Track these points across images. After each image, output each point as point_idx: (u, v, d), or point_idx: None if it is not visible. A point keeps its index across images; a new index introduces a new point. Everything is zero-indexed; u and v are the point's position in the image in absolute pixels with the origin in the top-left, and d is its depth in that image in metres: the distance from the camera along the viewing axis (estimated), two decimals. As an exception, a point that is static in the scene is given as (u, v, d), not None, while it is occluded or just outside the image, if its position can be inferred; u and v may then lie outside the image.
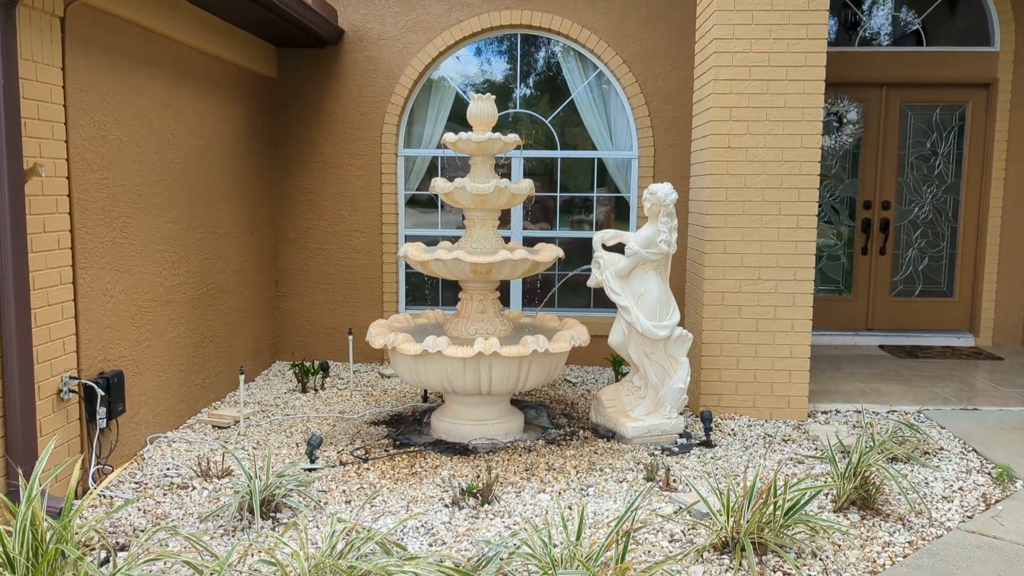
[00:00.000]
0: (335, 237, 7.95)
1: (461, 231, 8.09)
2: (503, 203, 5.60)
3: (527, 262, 5.45)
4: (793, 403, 6.12)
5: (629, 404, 5.86)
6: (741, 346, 6.09)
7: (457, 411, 5.66)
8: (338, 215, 7.93)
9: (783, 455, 5.39)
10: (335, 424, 6.04)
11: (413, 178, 8.06)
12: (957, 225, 8.61)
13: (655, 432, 5.65)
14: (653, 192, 5.53)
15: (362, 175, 7.88)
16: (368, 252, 7.95)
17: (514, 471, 5.03)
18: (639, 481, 4.88)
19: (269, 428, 5.93)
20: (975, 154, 8.48)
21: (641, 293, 5.62)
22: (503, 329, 5.73)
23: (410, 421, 6.11)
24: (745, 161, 5.95)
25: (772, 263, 6.01)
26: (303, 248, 7.96)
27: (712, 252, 6.03)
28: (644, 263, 5.61)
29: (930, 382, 7.06)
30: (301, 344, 8.05)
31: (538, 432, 5.86)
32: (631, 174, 7.98)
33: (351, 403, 6.60)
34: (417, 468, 5.07)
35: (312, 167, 7.88)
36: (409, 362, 5.36)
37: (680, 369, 5.68)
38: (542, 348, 5.25)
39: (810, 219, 5.98)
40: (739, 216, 5.99)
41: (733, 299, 6.05)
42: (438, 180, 5.61)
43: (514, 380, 5.36)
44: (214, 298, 6.51)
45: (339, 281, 7.98)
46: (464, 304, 5.76)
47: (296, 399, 6.71)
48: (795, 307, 6.04)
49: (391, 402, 6.63)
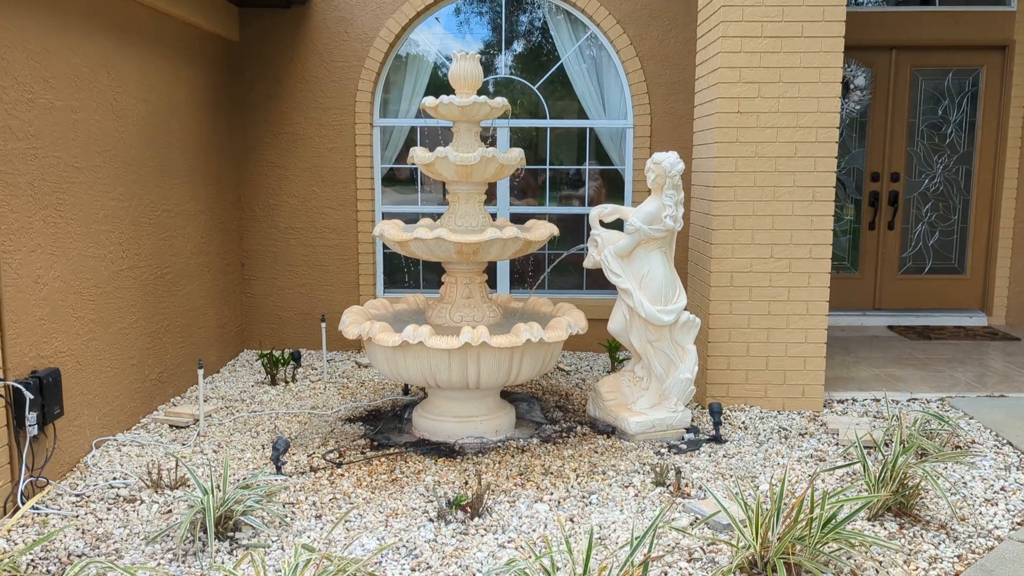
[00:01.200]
0: (306, 215, 7.33)
1: (443, 208, 7.49)
2: (490, 175, 5.02)
3: (518, 241, 4.87)
4: (808, 392, 5.61)
5: (630, 396, 5.33)
6: (751, 331, 5.56)
7: (441, 407, 5.10)
8: (309, 191, 7.30)
9: (802, 452, 4.88)
10: (306, 422, 5.46)
11: (390, 151, 7.45)
12: (969, 197, 8.11)
13: (660, 427, 5.12)
14: (658, 162, 4.97)
15: (335, 147, 7.25)
16: (342, 231, 7.34)
17: (507, 476, 4.48)
18: (647, 486, 4.35)
19: (233, 427, 5.35)
20: (989, 121, 7.97)
21: (644, 274, 5.07)
22: (492, 316, 5.16)
23: (389, 417, 5.55)
24: (757, 127, 5.39)
25: (786, 239, 5.48)
26: (271, 227, 7.34)
27: (720, 228, 5.49)
28: (647, 241, 5.06)
29: (948, 366, 6.58)
30: (271, 331, 7.45)
31: (531, 428, 5.31)
32: (626, 145, 7.40)
33: (324, 397, 6.02)
34: (397, 474, 4.52)
35: (280, 139, 7.24)
36: (387, 354, 4.79)
37: (687, 358, 5.15)
38: (536, 337, 4.69)
39: (827, 191, 5.44)
40: (750, 188, 5.44)
41: (743, 279, 5.52)
42: (417, 149, 5.01)
43: (505, 373, 4.81)
44: (171, 283, 5.90)
45: (311, 263, 7.37)
46: (448, 288, 5.18)
47: (264, 393, 6.12)
48: (810, 287, 5.51)
49: (368, 395, 6.05)
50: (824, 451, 4.90)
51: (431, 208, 7.48)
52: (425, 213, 7.48)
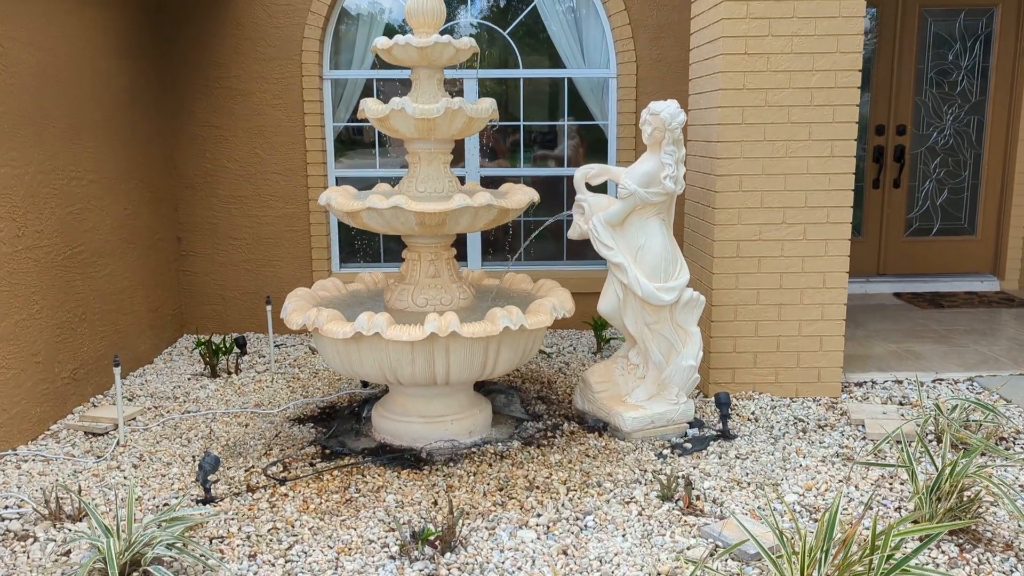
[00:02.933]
0: (249, 182, 6.47)
1: (399, 171, 6.67)
2: (457, 130, 4.21)
3: (492, 210, 4.09)
4: (824, 376, 4.93)
5: (624, 387, 4.61)
6: (761, 307, 4.85)
7: (405, 405, 4.35)
8: (252, 154, 6.44)
9: (825, 449, 4.20)
10: (248, 423, 4.68)
11: (343, 109, 6.59)
12: (981, 151, 7.43)
13: (660, 423, 4.41)
14: (655, 112, 4.19)
15: (279, 104, 6.38)
16: (291, 199, 6.49)
17: (484, 492, 3.75)
18: (652, 501, 3.63)
19: (161, 432, 4.55)
20: (1003, 67, 7.27)
21: (640, 246, 4.32)
22: (462, 298, 4.39)
23: (345, 416, 4.78)
24: (767, 71, 4.62)
25: (800, 202, 4.74)
26: (210, 196, 6.47)
27: (724, 190, 4.74)
28: (643, 207, 4.30)
29: (970, 339, 5.93)
30: (213, 314, 6.61)
31: (510, 427, 4.58)
32: (608, 97, 6.61)
33: (271, 391, 5.23)
34: (353, 492, 3.76)
35: (216, 95, 6.35)
36: (338, 347, 4.01)
37: (690, 342, 4.43)
38: (515, 324, 3.93)
39: (847, 145, 4.71)
40: (759, 143, 4.69)
41: (751, 249, 4.78)
42: (369, 101, 4.19)
43: (479, 366, 4.05)
44: (86, 264, 5.04)
45: (257, 236, 6.53)
46: (410, 266, 4.39)
47: (202, 388, 5.31)
48: (828, 257, 4.80)
49: (322, 388, 5.27)
50: (851, 447, 4.22)
51: (392, 172, 6.65)
52: (385, 178, 6.66)
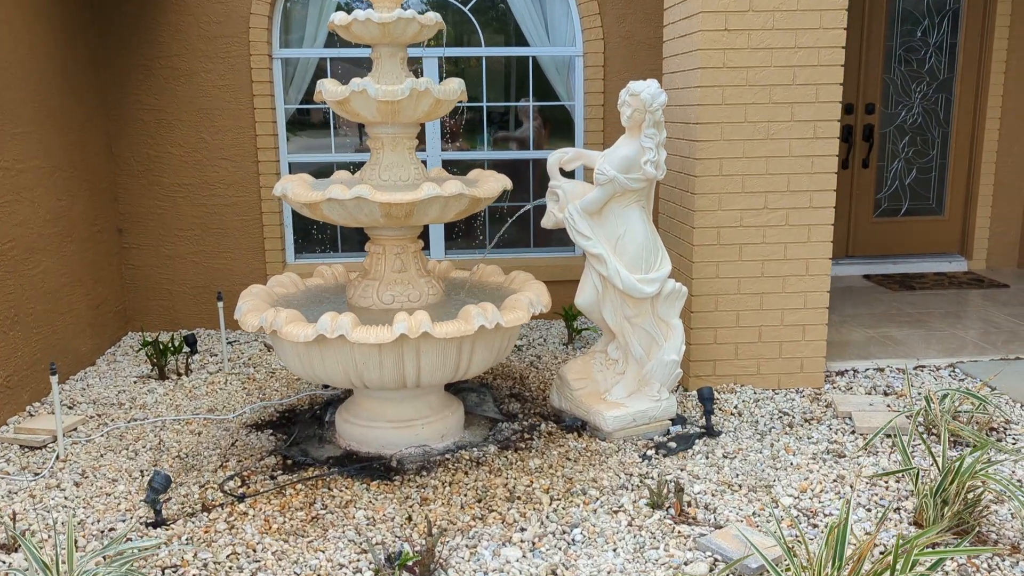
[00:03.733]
0: (195, 168, 6.07)
1: (365, 156, 6.33)
2: (423, 113, 3.91)
3: (463, 199, 3.80)
4: (807, 366, 4.75)
5: (603, 383, 4.37)
6: (742, 297, 4.64)
7: (372, 409, 4.06)
8: (197, 139, 6.03)
9: (815, 446, 4.02)
10: (201, 432, 4.35)
11: (294, 90, 6.21)
12: (949, 130, 7.33)
13: (641, 421, 4.19)
14: (635, 93, 3.93)
15: (226, 85, 5.98)
16: (241, 186, 6.11)
17: (462, 504, 3.49)
18: (641, 509, 3.41)
19: (105, 444, 4.20)
20: (971, 44, 7.16)
21: (620, 235, 4.07)
22: (431, 293, 4.10)
23: (307, 420, 4.47)
24: (748, 49, 4.39)
25: (782, 186, 4.54)
26: (153, 184, 6.06)
27: (704, 175, 4.51)
28: (622, 194, 4.05)
29: (945, 322, 5.82)
30: (160, 310, 6.22)
31: (484, 428, 4.32)
32: (575, 76, 6.33)
33: (226, 394, 4.89)
34: (319, 509, 3.47)
35: (157, 75, 5.93)
36: (299, 351, 3.70)
37: (673, 336, 4.21)
38: (491, 322, 3.66)
39: (831, 126, 4.51)
40: (739, 125, 4.46)
41: (732, 236, 4.57)
42: (327, 82, 3.86)
43: (452, 367, 3.78)
44: (17, 261, 4.64)
45: (205, 226, 6.14)
46: (374, 260, 4.09)
47: (149, 392, 4.95)
48: (811, 243, 4.61)
49: (280, 390, 4.95)
50: (841, 443, 4.05)
51: (348, 156, 6.30)
52: (342, 163, 6.31)
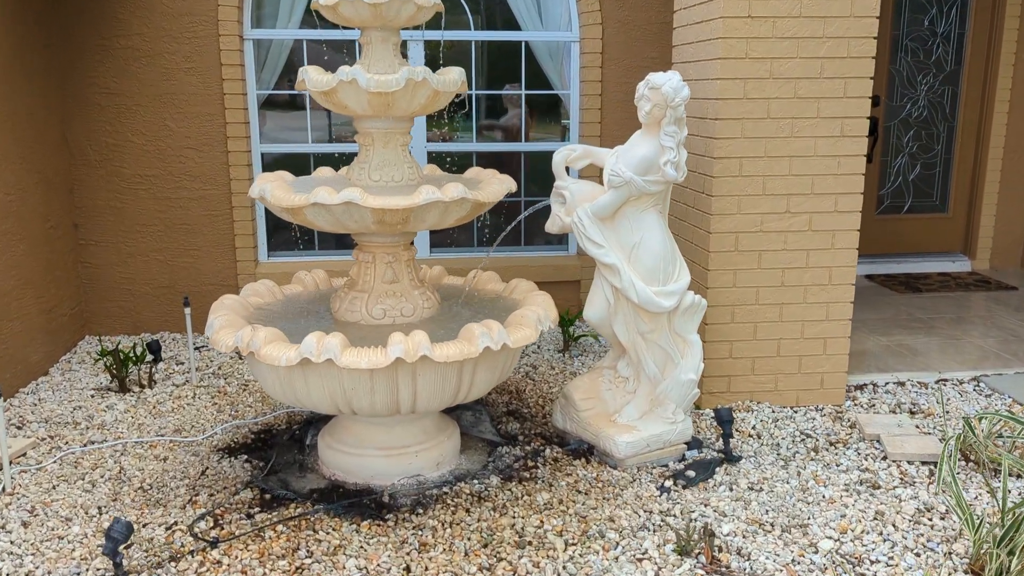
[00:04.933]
0: (159, 159, 5.57)
1: (340, 147, 5.87)
2: (419, 106, 3.48)
3: (465, 204, 3.38)
4: (828, 382, 4.42)
5: (612, 403, 4.00)
6: (760, 308, 4.29)
7: (360, 434, 3.65)
8: (161, 126, 5.54)
9: (847, 475, 3.68)
10: (168, 457, 3.91)
11: (268, 74, 5.72)
12: (955, 124, 7.04)
13: (655, 446, 3.82)
14: (655, 86, 3.53)
15: (193, 68, 5.48)
16: (209, 179, 5.63)
17: (465, 550, 3.09)
18: (668, 558, 3.04)
19: (59, 472, 3.74)
20: (980, 34, 6.86)
21: (636, 244, 3.68)
22: (426, 306, 3.69)
23: (285, 442, 4.05)
24: (772, 38, 4.01)
25: (806, 188, 4.18)
26: (112, 175, 5.56)
27: (722, 175, 4.13)
28: (638, 198, 3.66)
29: (959, 329, 5.53)
30: (120, 313, 5.73)
31: (482, 453, 3.93)
32: (570, 63, 5.92)
33: (194, 410, 4.45)
34: (303, 557, 3.06)
35: (116, 56, 5.41)
36: (279, 375, 3.27)
37: (690, 353, 3.84)
38: (497, 343, 3.26)
39: (859, 123, 4.15)
40: (762, 121, 4.09)
41: (751, 242, 4.21)
42: (311, 70, 3.41)
43: (452, 392, 3.38)
44: (-42, 265, 4.15)
45: (169, 221, 5.65)
46: (363, 269, 3.66)
47: (109, 408, 4.49)
48: (834, 250, 4.27)
49: (254, 405, 4.51)
50: (874, 471, 3.72)
51: (327, 147, 5.84)
52: (320, 155, 5.84)
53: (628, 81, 5.79)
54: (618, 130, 5.85)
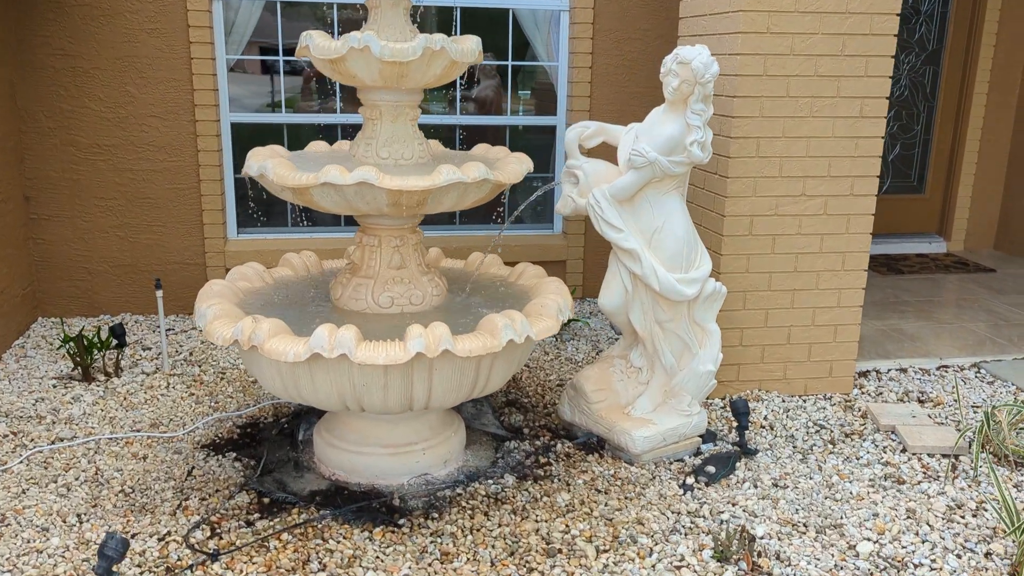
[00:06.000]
0: (119, 127, 5.15)
1: (322, 117, 5.51)
2: (434, 77, 3.20)
3: (486, 185, 3.13)
4: (836, 370, 4.31)
5: (624, 394, 3.81)
6: (772, 294, 4.14)
7: (362, 431, 3.39)
8: (122, 92, 5.11)
9: (870, 469, 3.57)
10: (147, 456, 3.59)
11: (235, 40, 5.33)
12: (935, 104, 7.00)
13: (671, 439, 3.66)
14: (684, 60, 3.31)
15: (156, 29, 5.06)
16: (175, 149, 5.23)
17: (491, 560, 2.88)
18: (708, 565, 2.88)
19: (27, 475, 3.40)
20: (962, 13, 6.80)
21: (657, 228, 3.48)
22: (435, 293, 3.44)
23: (275, 437, 3.76)
24: (795, 12, 3.82)
25: (823, 170, 4.03)
26: (68, 144, 5.12)
27: (738, 156, 3.95)
28: (661, 179, 3.45)
29: (949, 313, 5.50)
30: (77, 293, 5.32)
31: (488, 448, 3.71)
32: (559, 33, 5.66)
33: (170, 402, 4.12)
34: (316, 570, 2.80)
35: (71, 14, 4.96)
36: (282, 370, 2.99)
37: (709, 342, 3.66)
38: (521, 335, 3.03)
39: (879, 104, 4.01)
40: (780, 100, 3.91)
41: (765, 225, 4.05)
42: (315, 36, 3.10)
43: (468, 387, 3.14)
44: (-96, 244, 3.73)
45: (131, 195, 5.25)
46: (367, 254, 3.38)
47: (74, 400, 4.13)
48: (849, 234, 4.13)
49: (235, 396, 4.20)
50: (896, 465, 3.61)
51: (300, 117, 5.48)
52: (295, 125, 5.48)
53: (620, 53, 5.56)
54: (608, 105, 5.62)
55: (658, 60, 5.59)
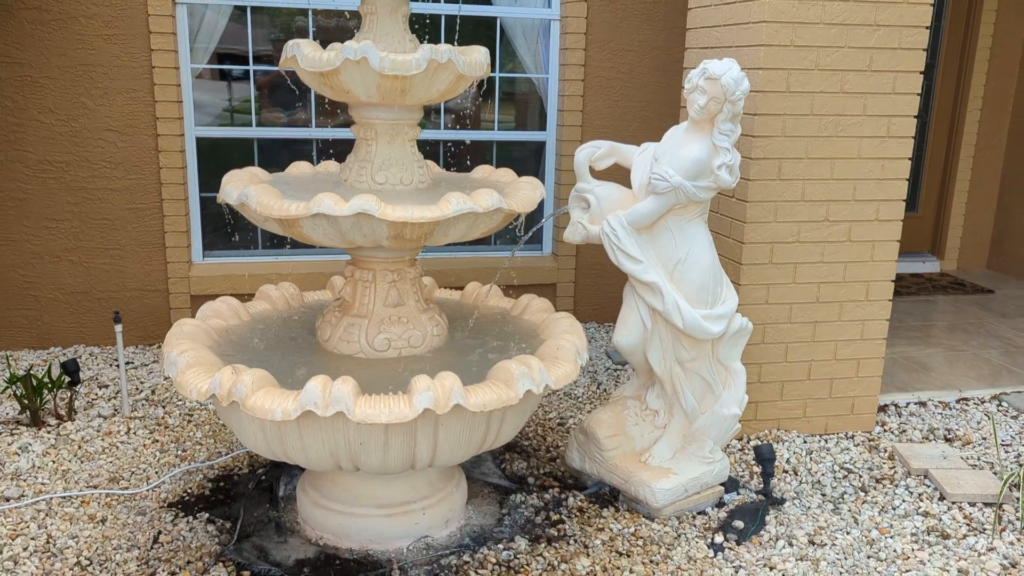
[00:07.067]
0: (72, 142, 4.70)
1: (295, 131, 5.10)
2: (437, 93, 2.84)
3: (499, 215, 2.77)
4: (858, 407, 4.02)
5: (639, 439, 3.47)
6: (792, 327, 3.84)
7: (353, 488, 3.01)
8: (76, 103, 4.66)
9: (910, 521, 3.27)
10: (106, 519, 3.16)
11: (201, 48, 4.90)
12: (928, 119, 6.80)
13: (693, 490, 3.33)
14: (713, 76, 3.00)
15: (114, 35, 4.63)
16: (135, 166, 4.79)
17: (511, 646, 2.51)
18: (755, 645, 2.55)
19: (-35, 544, 2.96)
20: (956, 27, 6.62)
21: (680, 259, 3.15)
22: (436, 333, 3.07)
23: (252, 494, 3.35)
24: (821, 24, 3.53)
25: (847, 193, 3.74)
26: (14, 161, 4.66)
27: (759, 178, 3.65)
28: (684, 205, 3.13)
29: (957, 338, 5.26)
30: (23, 323, 4.84)
31: (492, 502, 3.34)
32: (549, 44, 5.33)
33: (131, 451, 3.68)
34: (309, 665, 2.41)
35: (19, 18, 4.51)
36: (269, 429, 2.60)
37: (734, 383, 3.35)
38: (539, 385, 2.68)
39: (906, 123, 3.74)
40: (804, 119, 3.62)
41: (786, 253, 3.75)
42: (305, 45, 2.71)
43: (477, 443, 2.78)
44: None
45: (85, 216, 4.80)
46: (360, 291, 3.00)
47: (22, 450, 3.67)
48: (874, 262, 3.86)
49: (205, 442, 3.78)
50: (936, 516, 3.32)
51: (272, 132, 5.07)
52: (267, 140, 5.07)
53: (614, 65, 5.25)
54: (601, 119, 5.30)
55: (654, 73, 5.29)
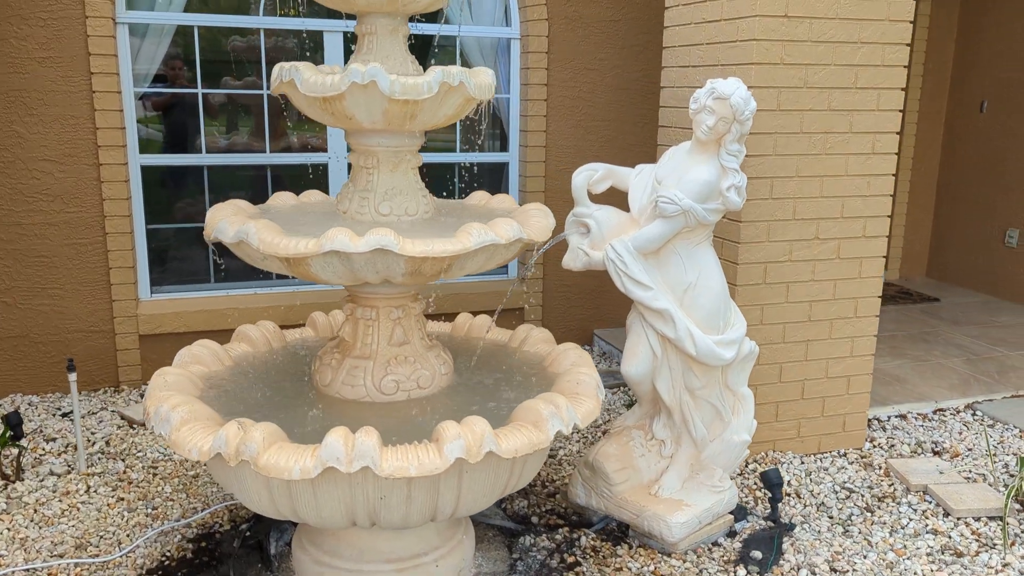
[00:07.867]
0: (4, 173, 4.32)
1: (246, 157, 4.82)
2: (445, 117, 2.67)
3: (515, 246, 2.61)
4: (849, 424, 4.00)
5: (647, 470, 3.35)
6: (786, 346, 3.79)
7: (358, 543, 2.78)
8: (9, 133, 4.29)
9: (921, 540, 3.24)
10: (79, 592, 2.85)
11: (145, 63, 4.59)
12: (868, 134, 6.95)
13: (706, 521, 3.22)
14: (722, 96, 2.91)
15: (50, 58, 4.28)
16: (74, 198, 4.44)
17: None
18: None
19: (-82, 634, 2.61)
20: (893, 44, 6.79)
21: (691, 284, 3.06)
22: (443, 372, 2.88)
23: (239, 554, 3.08)
24: (808, 42, 3.51)
25: (836, 211, 3.72)
26: (-61, 196, 4.26)
27: (752, 197, 3.59)
28: (692, 229, 3.03)
29: (919, 348, 5.35)
30: (-47, 371, 4.42)
31: (500, 547, 3.16)
32: (509, 63, 5.20)
33: (95, 511, 3.36)
34: None
35: (-58, 40, 4.13)
36: (278, 488, 2.36)
37: (743, 409, 3.27)
38: (568, 424, 2.53)
39: (890, 139, 3.75)
40: (794, 136, 3.58)
41: (779, 272, 3.70)
42: (303, 68, 2.50)
43: (500, 489, 2.60)
44: None
45: (21, 253, 4.41)
46: (361, 330, 2.79)
47: (-32, 517, 3.31)
48: (861, 279, 3.84)
49: (176, 497, 3.48)
50: (944, 533, 3.30)
51: (225, 158, 4.78)
52: (218, 167, 4.78)
53: (577, 84, 5.16)
54: (564, 140, 5.20)
55: (615, 91, 5.22)
